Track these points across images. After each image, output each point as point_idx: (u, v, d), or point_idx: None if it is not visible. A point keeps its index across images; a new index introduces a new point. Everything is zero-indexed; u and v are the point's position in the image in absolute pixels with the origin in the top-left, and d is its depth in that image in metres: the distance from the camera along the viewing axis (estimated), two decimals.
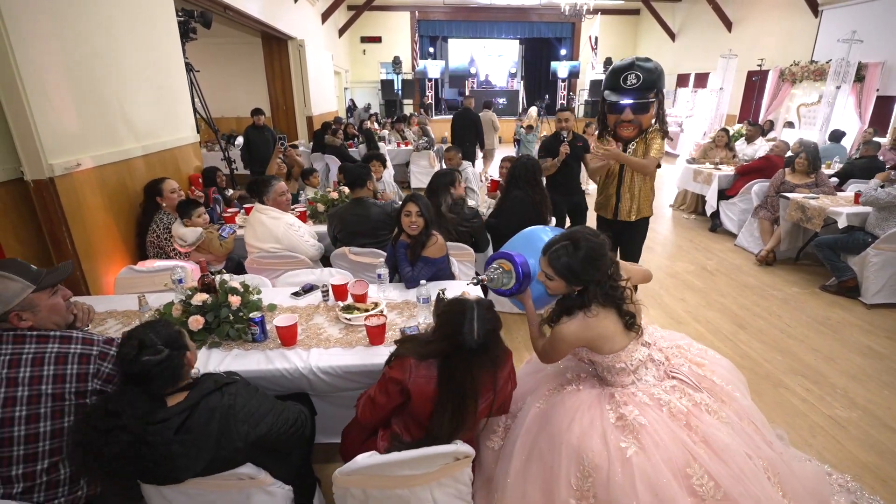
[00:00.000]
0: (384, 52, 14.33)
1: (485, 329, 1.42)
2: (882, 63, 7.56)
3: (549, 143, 4.15)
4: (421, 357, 1.47)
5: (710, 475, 1.47)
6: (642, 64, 2.83)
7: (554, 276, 1.62)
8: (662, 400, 1.62)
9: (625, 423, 1.57)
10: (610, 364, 1.68)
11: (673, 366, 1.76)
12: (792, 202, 4.63)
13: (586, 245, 1.57)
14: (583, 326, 1.62)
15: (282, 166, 4.48)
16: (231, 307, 2.01)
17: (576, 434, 1.60)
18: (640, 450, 1.51)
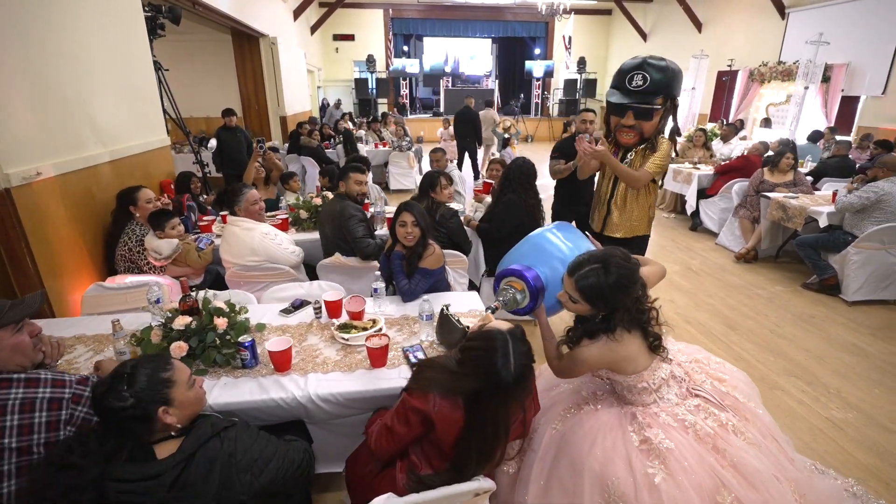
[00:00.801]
0: (357, 50, 14.07)
1: (521, 363, 1.30)
2: (846, 64, 7.83)
3: (564, 146, 3.73)
4: (448, 393, 1.33)
5: (741, 501, 1.40)
6: (654, 63, 2.49)
7: (580, 300, 1.52)
8: (688, 421, 1.55)
9: (650, 447, 1.49)
10: (632, 384, 1.60)
11: (695, 382, 1.70)
12: (773, 202, 4.70)
13: (617, 270, 1.47)
14: (605, 350, 1.54)
15: (260, 170, 4.26)
16: (217, 330, 1.84)
17: (598, 459, 1.52)
18: (667, 476, 1.43)
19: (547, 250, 1.85)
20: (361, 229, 2.89)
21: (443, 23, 14.74)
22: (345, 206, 2.93)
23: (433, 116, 15.50)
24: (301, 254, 3.02)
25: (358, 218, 2.91)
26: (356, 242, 2.88)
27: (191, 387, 1.20)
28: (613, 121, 2.74)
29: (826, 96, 8.10)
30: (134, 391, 1.08)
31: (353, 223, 2.88)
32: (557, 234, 1.95)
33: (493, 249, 3.48)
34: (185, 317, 1.82)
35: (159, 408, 1.11)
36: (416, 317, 2.22)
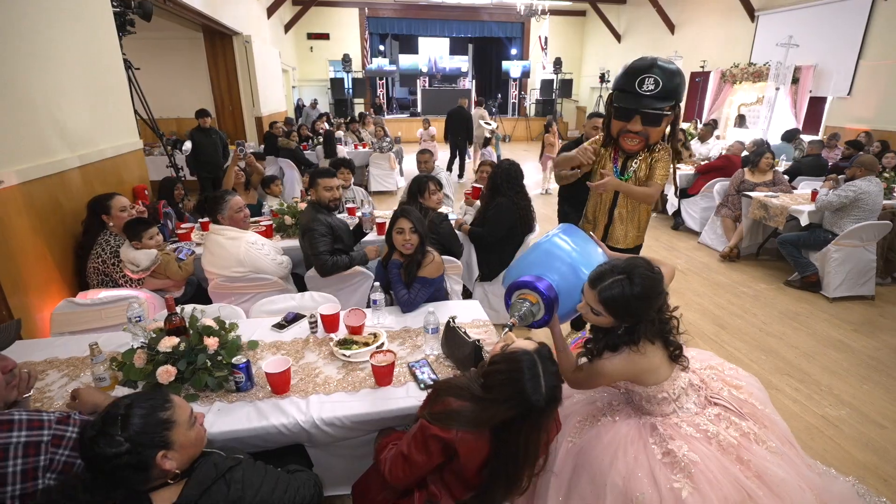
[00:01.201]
0: (333, 49, 13.81)
1: (551, 384, 1.22)
2: (814, 66, 8.09)
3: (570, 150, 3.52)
4: (476, 427, 1.24)
5: None
6: (664, 66, 2.34)
7: (603, 312, 1.45)
8: (710, 431, 1.50)
9: (674, 460, 1.44)
10: (652, 394, 1.55)
11: (712, 390, 1.66)
12: (754, 201, 4.79)
13: (642, 281, 1.41)
14: (628, 362, 1.48)
15: (240, 175, 4.07)
16: (208, 351, 1.71)
17: (620, 474, 1.46)
18: (694, 490, 1.38)
19: (557, 256, 1.79)
20: (323, 244, 2.68)
21: (419, 22, 14.62)
22: (308, 220, 2.74)
23: (410, 117, 15.39)
24: (289, 264, 2.88)
25: (319, 232, 2.69)
26: (314, 258, 2.68)
27: (192, 426, 1.08)
28: (617, 125, 2.53)
29: (795, 97, 8.36)
30: (129, 435, 0.96)
31: (315, 236, 2.67)
32: (565, 238, 1.89)
33: (486, 254, 3.41)
34: (171, 337, 1.68)
35: (157, 453, 0.98)
36: (418, 329, 2.13)
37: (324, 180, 2.80)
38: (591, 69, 15.46)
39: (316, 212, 2.78)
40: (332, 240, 2.73)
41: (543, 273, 1.73)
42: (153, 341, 1.72)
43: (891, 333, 3.65)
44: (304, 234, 2.72)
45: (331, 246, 2.69)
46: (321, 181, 2.80)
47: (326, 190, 2.81)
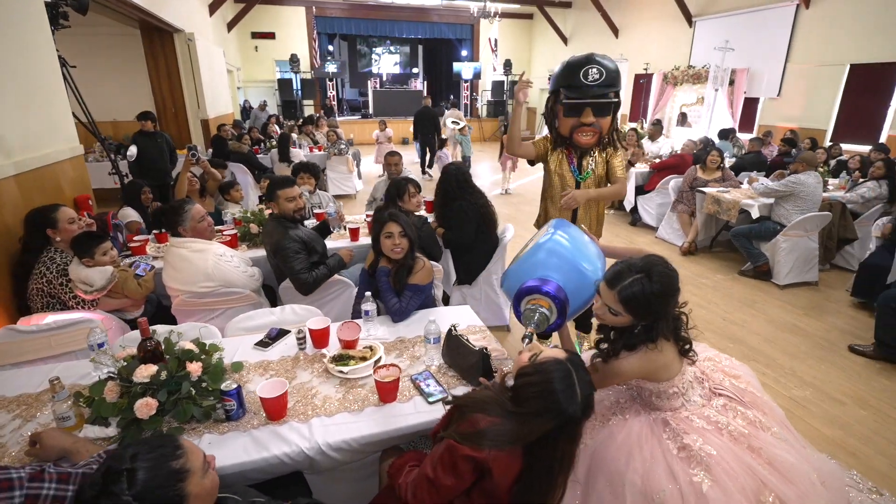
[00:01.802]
0: (279, 49, 13.31)
1: (586, 393, 1.18)
2: (747, 69, 8.67)
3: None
4: (513, 444, 1.17)
5: (781, 500, 1.39)
6: (600, 58, 2.42)
7: (622, 312, 1.43)
8: (721, 423, 1.52)
9: (690, 454, 1.45)
10: (663, 390, 1.55)
11: (714, 381, 1.68)
12: (708, 196, 5.04)
13: (660, 279, 1.40)
14: (644, 360, 1.47)
15: (193, 181, 3.79)
16: (191, 378, 1.54)
17: (638, 472, 1.44)
18: (713, 482, 1.39)
19: (560, 254, 1.74)
20: (299, 261, 2.51)
21: (368, 22, 14.39)
22: (277, 237, 2.54)
23: (363, 118, 15.12)
24: (260, 276, 2.70)
25: (293, 249, 2.51)
26: (292, 278, 2.51)
27: (205, 473, 0.94)
28: (568, 123, 2.51)
29: (731, 98, 8.92)
30: (137, 492, 0.81)
31: (289, 255, 2.49)
32: (564, 235, 1.84)
33: (460, 257, 3.34)
34: (149, 365, 1.50)
35: None
36: (413, 338, 2.04)
37: (284, 191, 2.59)
38: (539, 71, 15.80)
39: (283, 227, 2.58)
40: (308, 254, 2.57)
41: (547, 274, 1.69)
42: (125, 371, 1.53)
43: (836, 315, 3.94)
44: (276, 253, 2.53)
45: (307, 262, 2.52)
46: (281, 193, 2.58)
47: (288, 201, 2.60)
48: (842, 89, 7.40)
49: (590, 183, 2.64)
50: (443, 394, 1.65)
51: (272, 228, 2.59)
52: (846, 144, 7.07)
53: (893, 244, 3.85)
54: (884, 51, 6.74)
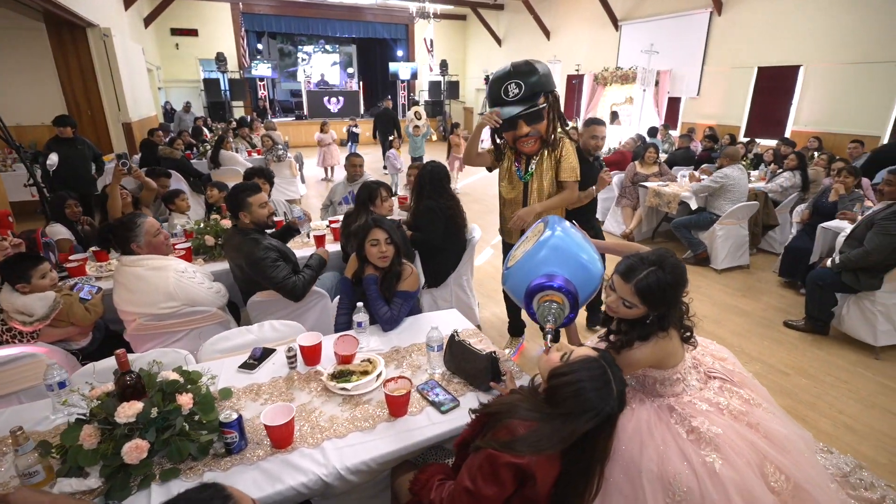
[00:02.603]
0: (203, 47, 12.47)
1: (621, 389, 1.19)
2: (670, 70, 9.33)
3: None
4: (558, 447, 1.15)
5: (780, 470, 1.50)
6: (520, 68, 2.43)
7: (638, 304, 1.47)
8: (720, 404, 1.61)
9: (699, 436, 1.52)
10: (667, 377, 1.61)
11: (705, 365, 1.78)
12: (650, 190, 5.36)
13: (673, 270, 1.45)
14: (656, 349, 1.52)
15: (125, 194, 3.44)
16: (182, 412, 1.39)
17: (653, 460, 1.49)
18: (724, 461, 1.46)
19: (563, 250, 1.73)
20: (282, 269, 2.38)
21: (300, 20, 13.86)
22: (250, 249, 2.38)
23: (296, 120, 14.58)
24: (225, 292, 2.50)
25: (272, 259, 2.37)
26: (279, 288, 2.37)
27: None
28: (509, 136, 2.58)
29: (657, 97, 9.56)
30: None
31: (267, 265, 2.35)
32: (566, 230, 1.84)
33: (429, 259, 3.27)
34: (133, 403, 1.33)
35: None
36: (408, 347, 1.98)
37: (256, 198, 2.43)
38: (475, 71, 16.07)
39: (252, 238, 2.42)
40: (285, 261, 2.43)
41: (552, 270, 1.69)
42: (100, 410, 1.35)
43: (769, 295, 4.34)
44: (253, 265, 2.36)
45: (289, 268, 2.39)
46: (253, 200, 2.41)
47: (261, 207, 2.45)
48: (751, 89, 8.17)
49: (534, 182, 2.65)
50: (453, 402, 1.62)
51: (239, 242, 2.41)
52: (758, 139, 7.82)
53: (812, 228, 4.30)
54: (786, 54, 7.52)
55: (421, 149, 7.75)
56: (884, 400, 2.88)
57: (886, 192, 3.03)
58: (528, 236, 1.89)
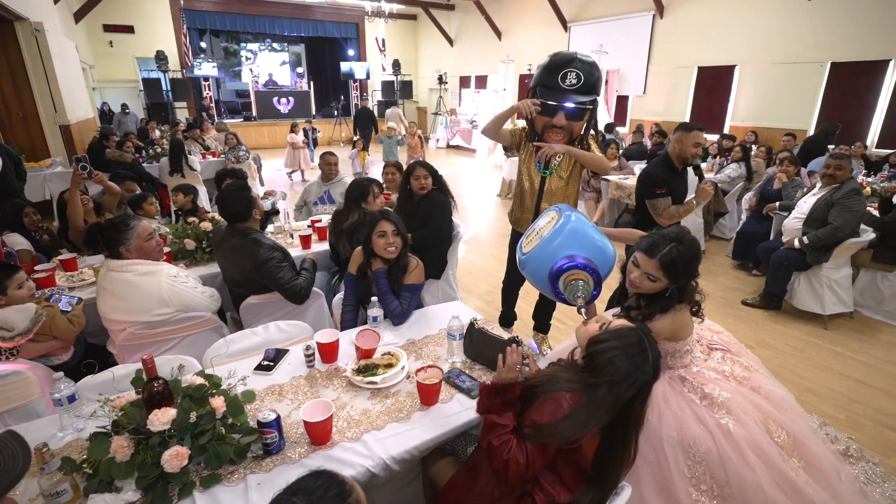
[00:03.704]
0: (140, 45, 11.73)
1: (656, 357, 1.26)
2: (617, 70, 9.79)
3: (668, 175, 2.77)
4: (608, 415, 1.22)
5: (781, 426, 1.65)
6: (584, 59, 2.38)
7: (662, 277, 1.57)
8: (725, 371, 1.75)
9: (712, 401, 1.64)
10: (679, 349, 1.73)
11: (706, 339, 1.92)
12: (612, 183, 5.63)
13: (691, 244, 1.58)
14: (674, 320, 1.63)
15: (86, 200, 3.22)
16: (216, 415, 1.34)
17: (672, 426, 1.60)
18: (736, 422, 1.59)
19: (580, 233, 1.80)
20: (287, 270, 2.35)
21: (245, 18, 13.33)
22: (254, 250, 2.32)
23: (245, 121, 14.04)
24: (218, 296, 2.40)
25: (277, 259, 2.33)
26: (285, 290, 2.33)
27: None
28: (541, 121, 2.51)
29: (607, 96, 10.00)
30: None
31: (273, 266, 2.30)
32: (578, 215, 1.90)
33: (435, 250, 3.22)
34: (166, 409, 1.27)
35: None
36: (421, 339, 2.00)
37: (255, 193, 2.46)
38: (427, 71, 16.12)
39: (254, 238, 2.36)
40: (289, 261, 2.40)
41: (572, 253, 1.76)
42: (127, 420, 1.28)
43: (724, 277, 4.69)
44: (259, 267, 2.29)
45: (294, 269, 2.36)
46: (256, 195, 2.46)
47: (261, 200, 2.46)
48: (693, 88, 8.73)
49: (554, 179, 2.61)
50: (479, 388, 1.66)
51: (240, 243, 2.33)
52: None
53: (760, 214, 4.68)
54: (722, 55, 8.10)
55: (394, 154, 7.66)
56: (836, 364, 3.20)
57: (838, 175, 3.35)
58: (539, 224, 1.96)
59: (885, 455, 2.41)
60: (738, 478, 1.50)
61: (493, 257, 5.24)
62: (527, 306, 3.37)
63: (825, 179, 3.47)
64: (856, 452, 2.40)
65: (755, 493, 1.49)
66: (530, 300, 3.27)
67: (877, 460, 2.36)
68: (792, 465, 1.56)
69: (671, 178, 2.76)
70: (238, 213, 2.39)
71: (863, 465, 2.34)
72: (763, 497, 1.48)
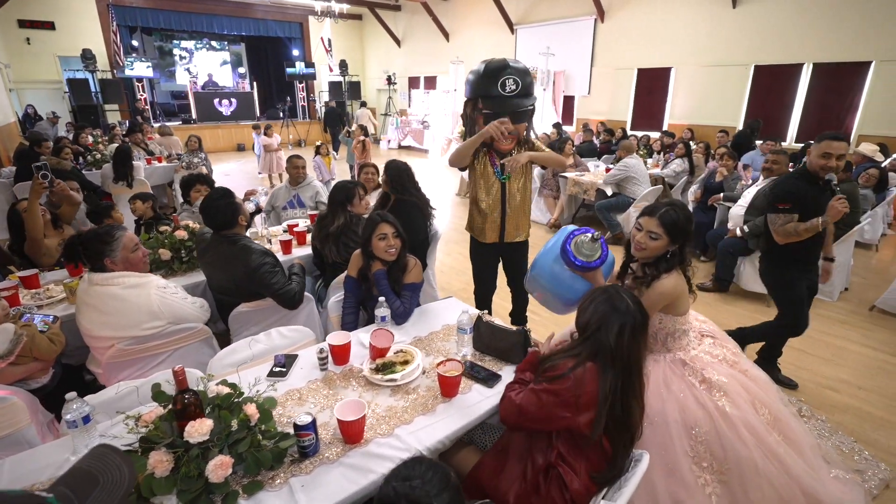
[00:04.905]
0: (63, 42, 10.83)
1: (634, 300, 1.42)
2: (564, 71, 10.21)
3: (797, 187, 2.51)
4: (596, 355, 1.39)
5: (765, 405, 1.85)
6: (515, 66, 2.46)
7: (662, 234, 1.75)
8: (718, 355, 1.92)
9: (710, 385, 1.80)
10: (678, 327, 1.88)
11: (695, 327, 2.09)
12: (570, 180, 5.90)
13: (683, 210, 1.78)
14: (677, 281, 1.80)
15: (42, 210, 3.00)
16: (250, 423, 1.34)
17: (675, 409, 1.75)
18: (732, 404, 1.76)
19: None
20: (280, 275, 2.32)
21: (180, 16, 12.62)
22: (246, 257, 2.28)
23: (183, 124, 13.32)
24: (208, 306, 2.33)
25: (271, 264, 2.30)
26: (279, 296, 2.30)
27: None
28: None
29: (554, 96, 10.41)
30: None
31: (266, 272, 2.27)
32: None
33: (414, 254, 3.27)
34: (203, 420, 1.25)
35: None
36: (427, 336, 2.06)
37: (239, 200, 2.43)
38: (375, 72, 16.00)
39: (243, 245, 2.33)
40: (280, 266, 2.36)
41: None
42: (160, 434, 1.25)
43: None
44: (253, 272, 2.25)
45: (286, 273, 2.33)
46: (240, 202, 2.43)
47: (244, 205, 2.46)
48: (633, 88, 9.28)
49: (513, 181, 2.66)
50: (496, 376, 1.74)
51: (229, 250, 2.28)
52: (641, 132, 8.93)
53: (705, 205, 5.09)
54: (659, 58, 8.67)
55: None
56: None
57: (775, 169, 3.73)
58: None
59: (829, 412, 2.73)
60: (735, 454, 1.67)
61: (461, 255, 5.34)
62: (503, 302, 3.49)
63: (765, 172, 3.84)
64: (807, 412, 2.71)
65: (749, 467, 1.66)
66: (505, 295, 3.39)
67: (824, 418, 2.68)
68: (775, 439, 1.75)
69: (805, 192, 2.48)
70: (224, 221, 2.33)
71: (814, 422, 2.64)
72: (756, 470, 1.66)
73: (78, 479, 0.72)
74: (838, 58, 6.73)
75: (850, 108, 6.83)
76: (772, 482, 1.68)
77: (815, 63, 6.99)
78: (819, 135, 2.48)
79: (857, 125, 6.78)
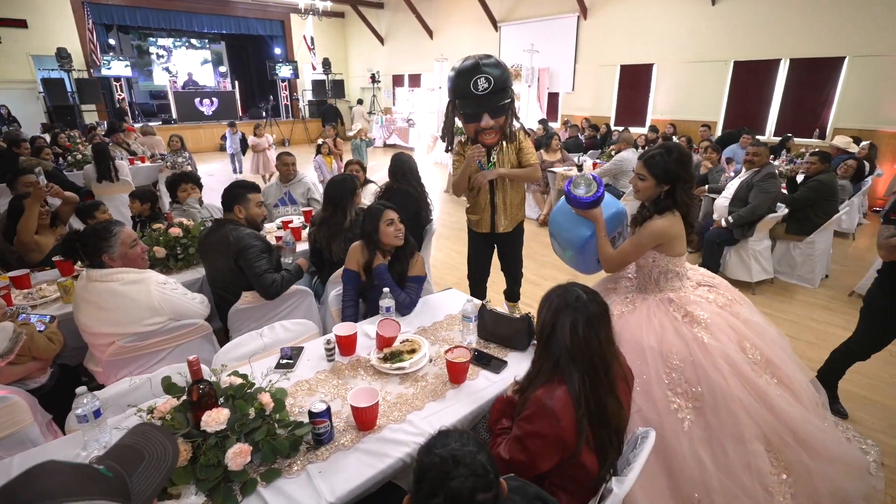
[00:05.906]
0: (37, 41, 10.53)
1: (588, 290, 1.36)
2: (548, 68, 10.30)
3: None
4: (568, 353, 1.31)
5: (757, 347, 1.90)
6: (487, 63, 2.52)
7: (647, 175, 1.86)
8: (709, 298, 1.98)
9: (693, 319, 1.88)
10: (672, 267, 1.95)
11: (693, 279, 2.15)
12: (558, 175, 5.97)
13: (677, 150, 1.86)
14: (671, 223, 1.87)
15: (44, 213, 2.97)
16: (265, 412, 1.35)
17: (653, 338, 1.85)
18: (711, 337, 1.83)
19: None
20: (264, 262, 2.34)
21: (158, 13, 12.36)
22: (240, 234, 2.33)
23: (163, 124, 13.06)
24: (208, 302, 2.31)
25: (259, 248, 2.34)
26: (258, 280, 2.31)
27: None
28: (471, 128, 2.72)
29: (539, 93, 10.50)
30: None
31: (253, 255, 2.30)
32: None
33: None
34: (219, 409, 1.26)
35: None
36: (431, 326, 2.09)
37: (254, 196, 2.48)
38: (359, 70, 15.92)
39: (241, 227, 2.39)
40: (270, 257, 2.36)
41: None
42: (178, 424, 1.25)
43: None
44: (242, 252, 2.28)
45: (273, 263, 2.36)
46: (252, 196, 2.46)
47: (258, 206, 2.49)
48: (617, 84, 9.41)
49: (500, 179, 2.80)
50: (502, 362, 1.77)
51: (225, 232, 2.33)
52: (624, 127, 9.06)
53: None
54: (642, 54, 8.81)
55: (362, 156, 7.42)
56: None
57: (756, 161, 3.84)
58: None
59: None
60: (709, 382, 1.74)
61: (453, 251, 5.38)
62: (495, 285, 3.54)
63: (746, 164, 3.95)
64: None
65: (723, 394, 1.72)
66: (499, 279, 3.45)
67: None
68: (765, 380, 1.80)
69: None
70: (224, 203, 2.46)
71: None
72: (730, 396, 1.72)
73: (124, 455, 0.73)
74: (814, 53, 6.93)
75: (825, 102, 7.04)
76: (749, 413, 1.71)
77: (791, 58, 7.19)
78: None
79: (833, 118, 7.00)
